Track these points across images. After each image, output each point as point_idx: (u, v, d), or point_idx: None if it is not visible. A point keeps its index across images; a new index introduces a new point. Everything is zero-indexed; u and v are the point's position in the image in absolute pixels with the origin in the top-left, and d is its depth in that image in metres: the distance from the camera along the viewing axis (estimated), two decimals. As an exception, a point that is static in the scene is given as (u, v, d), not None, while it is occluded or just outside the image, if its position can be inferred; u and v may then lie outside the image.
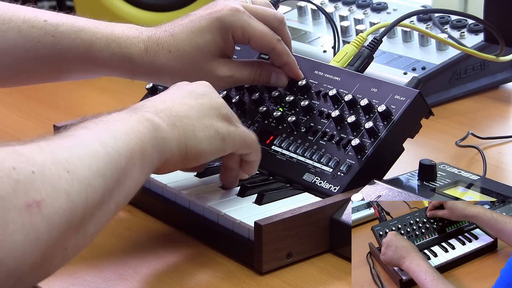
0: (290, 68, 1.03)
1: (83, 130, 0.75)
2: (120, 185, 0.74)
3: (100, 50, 1.00)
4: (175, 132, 0.82)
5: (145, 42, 1.00)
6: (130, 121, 0.78)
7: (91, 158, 0.70)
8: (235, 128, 0.88)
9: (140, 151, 0.77)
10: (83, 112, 1.16)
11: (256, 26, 1.00)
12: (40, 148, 0.68)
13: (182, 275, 0.86)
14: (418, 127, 0.97)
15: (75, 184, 0.67)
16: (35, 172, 0.65)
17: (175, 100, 0.85)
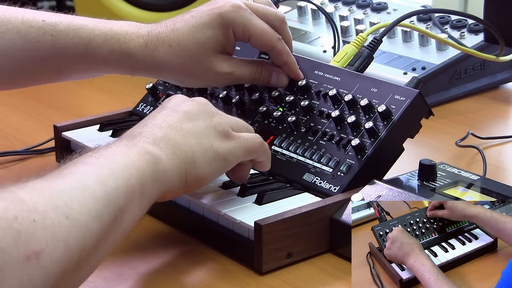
0: (290, 68, 1.03)
1: (83, 166, 0.74)
2: (117, 223, 0.74)
3: (99, 46, 1.00)
4: (175, 162, 0.81)
5: (144, 37, 1.00)
6: (130, 155, 0.78)
7: (90, 201, 0.70)
8: (235, 143, 0.87)
9: (140, 187, 0.76)
10: (83, 112, 1.16)
11: (257, 24, 1.00)
12: (41, 193, 0.68)
13: (182, 275, 0.86)
14: (418, 127, 0.97)
15: (73, 231, 0.67)
16: (36, 221, 0.64)
17: (172, 126, 0.84)
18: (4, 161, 1.15)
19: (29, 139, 1.20)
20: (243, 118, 1.05)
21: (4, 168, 1.13)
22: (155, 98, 1.16)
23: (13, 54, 1.00)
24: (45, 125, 1.18)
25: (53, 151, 1.15)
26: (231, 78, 1.02)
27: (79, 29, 1.01)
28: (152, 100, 1.17)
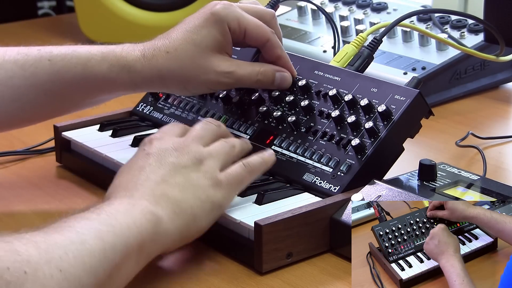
0: (284, 62, 1.03)
1: (83, 221, 0.75)
2: (112, 279, 0.74)
3: (98, 63, 0.99)
4: (175, 222, 0.82)
5: (140, 49, 1.00)
6: (133, 214, 0.79)
7: (86, 256, 0.71)
8: (227, 187, 0.87)
9: (138, 246, 0.77)
10: (83, 112, 1.16)
11: (250, 18, 1.01)
12: (37, 245, 0.69)
13: (182, 275, 0.86)
14: (418, 127, 0.97)
15: (65, 284, 0.68)
16: (27, 273, 0.66)
17: (167, 182, 0.84)
18: (4, 161, 1.15)
19: (29, 139, 1.20)
20: (243, 118, 1.05)
21: (4, 168, 1.13)
22: (155, 98, 1.16)
23: (13, 82, 0.99)
24: (45, 125, 1.18)
25: (53, 151, 1.15)
26: (232, 78, 1.01)
27: (74, 51, 1.00)
28: (152, 100, 1.17)
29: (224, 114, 1.08)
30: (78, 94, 1.02)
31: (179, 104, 1.13)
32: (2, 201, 1.03)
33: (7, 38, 1.05)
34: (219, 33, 1.00)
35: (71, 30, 1.78)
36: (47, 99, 1.01)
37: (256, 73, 1.02)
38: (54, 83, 1.00)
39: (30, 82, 0.99)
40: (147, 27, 1.61)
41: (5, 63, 0.99)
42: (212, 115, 1.08)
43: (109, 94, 1.03)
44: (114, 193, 0.84)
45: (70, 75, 1.00)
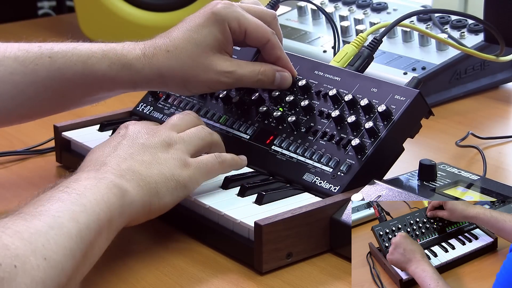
0: (284, 63, 1.04)
1: (57, 203, 0.77)
2: (88, 258, 0.77)
3: (98, 61, 0.99)
4: (140, 194, 0.85)
5: (141, 48, 1.01)
6: (100, 189, 0.81)
7: (65, 240, 0.74)
8: (194, 169, 0.90)
9: (108, 221, 0.80)
10: (83, 112, 1.16)
11: (251, 18, 1.01)
12: (20, 236, 0.71)
13: (182, 275, 0.86)
14: (418, 127, 0.97)
15: (50, 271, 0.71)
16: (17, 267, 0.68)
17: (134, 159, 0.88)
18: (4, 161, 1.15)
19: (29, 139, 1.20)
20: (243, 118, 1.05)
21: (4, 168, 1.13)
22: (155, 98, 1.16)
23: (13, 79, 0.99)
24: (45, 125, 1.18)
25: (53, 151, 1.15)
26: (233, 77, 1.01)
27: (75, 48, 1.00)
28: (152, 100, 1.17)
29: (224, 114, 1.08)
30: (78, 91, 1.02)
31: (179, 104, 1.13)
32: (2, 201, 1.03)
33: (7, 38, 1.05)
34: (220, 33, 1.00)
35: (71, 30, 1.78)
36: (47, 96, 1.01)
37: (257, 73, 1.02)
38: (54, 80, 1.00)
39: (30, 79, 0.99)
40: (147, 27, 1.61)
41: (5, 59, 0.99)
42: (212, 115, 1.08)
43: (109, 92, 1.04)
44: (83, 167, 0.87)
45: (71, 72, 1.00)
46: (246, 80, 1.02)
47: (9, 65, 0.99)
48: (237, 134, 1.04)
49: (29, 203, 0.77)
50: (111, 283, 0.85)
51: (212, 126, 1.06)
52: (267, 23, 1.02)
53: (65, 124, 1.13)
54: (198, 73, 1.00)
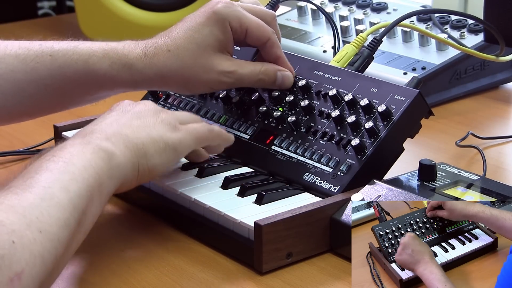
0: (283, 62, 1.04)
1: (46, 173, 0.76)
2: (81, 226, 0.77)
3: (99, 60, 0.99)
4: (127, 155, 0.85)
5: (142, 47, 1.01)
6: (86, 155, 0.81)
7: (58, 211, 0.74)
8: (184, 133, 0.91)
9: (98, 186, 0.80)
10: (83, 112, 1.16)
11: (251, 17, 1.01)
12: (14, 210, 0.70)
13: (182, 275, 0.86)
14: (418, 127, 0.97)
15: (47, 244, 0.71)
16: (15, 242, 0.68)
17: (122, 124, 0.88)
18: (4, 161, 1.15)
19: (29, 139, 1.20)
20: (243, 118, 1.05)
21: (4, 168, 1.13)
22: (155, 98, 1.16)
23: (14, 77, 0.99)
24: (45, 125, 1.18)
25: (53, 151, 1.15)
26: (234, 77, 1.01)
27: (76, 47, 1.01)
28: (152, 100, 1.17)
29: (224, 114, 1.08)
30: (78, 90, 1.02)
31: (179, 104, 1.13)
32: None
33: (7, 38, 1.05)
34: (221, 32, 1.00)
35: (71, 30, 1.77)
36: (47, 94, 1.01)
37: (258, 72, 1.02)
38: (55, 78, 1.00)
39: (31, 77, 0.99)
40: (147, 27, 1.61)
41: (6, 57, 0.99)
42: (212, 115, 1.08)
43: (109, 91, 1.04)
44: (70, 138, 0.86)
45: (71, 71, 1.00)
46: (247, 79, 1.02)
47: (10, 62, 0.99)
48: (237, 134, 1.04)
49: (18, 176, 0.77)
50: (111, 283, 0.85)
51: (212, 126, 1.06)
52: (266, 23, 1.03)
53: (65, 124, 1.13)
54: (199, 73, 1.00)
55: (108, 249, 0.91)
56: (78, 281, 0.85)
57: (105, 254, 0.90)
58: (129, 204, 1.01)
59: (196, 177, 0.98)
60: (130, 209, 1.00)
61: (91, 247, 0.82)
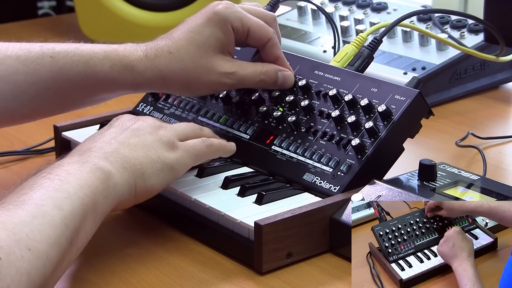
0: (283, 62, 1.04)
1: (40, 190, 0.76)
2: (74, 244, 0.77)
3: (100, 62, 0.99)
4: (124, 176, 0.85)
5: (143, 49, 1.00)
6: (82, 173, 0.81)
7: (50, 229, 0.73)
8: (182, 152, 0.91)
9: (93, 205, 0.80)
10: (83, 112, 1.16)
11: (253, 18, 1.01)
12: (4, 226, 0.70)
13: (182, 275, 0.86)
14: (418, 127, 0.97)
15: (35, 262, 0.71)
16: (2, 259, 0.68)
17: (120, 142, 0.88)
18: (4, 161, 1.15)
19: (29, 139, 1.20)
20: (243, 118, 1.05)
21: (4, 168, 1.13)
22: (155, 98, 1.16)
23: (14, 78, 0.99)
24: (45, 125, 1.18)
25: (53, 151, 1.15)
26: (235, 78, 1.00)
27: (77, 48, 1.00)
28: (152, 100, 1.17)
29: (224, 114, 1.08)
30: (79, 92, 1.02)
31: (179, 104, 1.13)
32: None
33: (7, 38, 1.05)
34: (222, 33, 1.00)
35: (71, 30, 1.78)
36: (48, 96, 1.01)
37: (259, 73, 1.02)
38: (56, 81, 1.00)
39: (32, 79, 0.99)
40: (147, 27, 1.61)
41: (7, 59, 0.99)
42: (212, 115, 1.08)
43: (110, 93, 1.03)
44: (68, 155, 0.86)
45: (72, 73, 0.99)
46: (248, 80, 1.02)
47: (10, 64, 0.99)
48: (237, 134, 1.04)
49: (12, 192, 0.77)
50: (111, 283, 0.85)
51: (212, 126, 1.06)
52: (267, 24, 1.03)
53: (65, 124, 1.13)
54: (200, 75, 1.00)
55: (108, 249, 0.91)
56: (78, 281, 0.85)
57: (105, 254, 0.90)
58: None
59: (196, 177, 0.98)
60: (130, 209, 0.99)
61: (91, 247, 0.82)
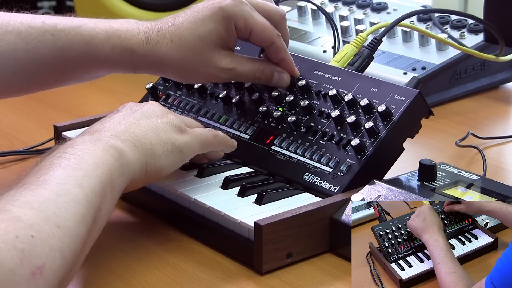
0: (287, 65, 1.03)
1: (59, 170, 0.77)
2: (97, 222, 0.77)
3: (101, 43, 1.00)
4: (136, 154, 0.85)
5: (145, 33, 1.00)
6: (96, 152, 0.81)
7: (74, 206, 0.74)
8: (190, 136, 0.92)
9: (110, 183, 0.80)
10: (83, 112, 1.16)
11: (258, 18, 1.00)
12: (31, 206, 0.70)
13: (182, 275, 0.86)
14: (418, 127, 0.97)
15: (66, 239, 0.71)
16: (34, 237, 0.68)
17: (130, 122, 0.88)
18: (4, 161, 1.15)
19: (29, 139, 1.20)
20: (243, 118, 1.06)
21: (4, 168, 1.13)
22: (155, 98, 1.16)
23: (15, 55, 0.99)
24: (45, 125, 1.18)
25: (53, 151, 1.15)
26: (232, 74, 1.01)
27: (79, 27, 1.00)
28: (152, 100, 1.17)
29: (224, 114, 1.08)
30: (79, 69, 1.03)
31: (179, 104, 1.13)
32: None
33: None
34: (225, 30, 1.00)
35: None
36: (48, 73, 1.02)
37: (255, 70, 1.02)
38: (56, 58, 1.00)
39: (32, 56, 1.00)
40: (147, 27, 1.61)
41: (8, 34, 0.99)
42: (212, 115, 1.08)
43: (109, 72, 1.05)
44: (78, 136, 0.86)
45: (73, 52, 1.00)
46: (244, 77, 1.03)
47: (11, 40, 0.99)
48: (237, 134, 1.04)
49: (30, 173, 0.77)
50: (111, 283, 0.85)
51: (212, 126, 1.06)
52: (274, 23, 1.02)
53: (65, 124, 1.13)
54: (198, 66, 1.00)
55: (108, 249, 0.91)
56: (78, 281, 0.85)
57: (105, 254, 0.90)
58: (129, 204, 1.01)
59: (196, 177, 0.98)
60: (130, 209, 1.00)
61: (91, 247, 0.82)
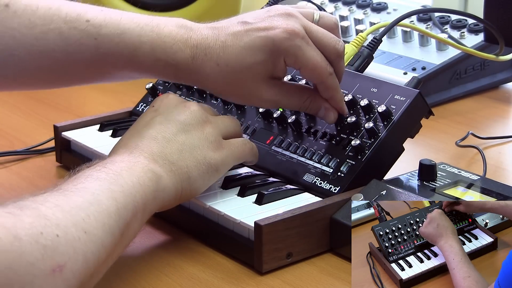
0: (335, 103, 0.97)
1: (95, 182, 0.78)
2: (124, 238, 0.78)
3: (145, 55, 0.94)
4: (172, 180, 0.86)
5: (192, 49, 0.94)
6: (136, 172, 0.82)
7: (104, 217, 0.75)
8: (226, 152, 0.91)
9: (143, 205, 0.81)
10: (83, 112, 1.16)
11: (309, 55, 0.92)
12: (61, 208, 0.71)
13: (182, 275, 0.86)
14: (418, 127, 0.97)
15: (91, 245, 0.72)
16: (59, 236, 0.69)
17: (167, 139, 0.88)
18: (4, 161, 1.15)
19: (29, 139, 1.20)
20: (243, 118, 1.06)
21: (4, 168, 1.13)
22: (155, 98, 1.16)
23: (55, 56, 0.94)
24: (45, 125, 1.18)
25: (53, 151, 1.15)
26: (276, 105, 0.97)
27: (124, 33, 0.94)
28: (152, 100, 1.16)
29: (224, 114, 1.08)
30: (118, 73, 0.98)
31: (179, 104, 1.13)
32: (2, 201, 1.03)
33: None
34: (273, 64, 0.93)
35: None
36: (87, 75, 0.98)
37: (302, 104, 0.97)
38: (97, 63, 0.96)
39: (73, 58, 0.95)
40: (147, 27, 1.60)
41: (49, 32, 0.93)
42: (212, 115, 1.08)
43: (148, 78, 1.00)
44: (116, 149, 0.87)
45: (115, 60, 0.95)
46: (289, 108, 1.01)
47: (52, 40, 0.94)
48: (237, 134, 1.04)
49: (67, 181, 0.78)
50: (111, 283, 0.85)
51: (212, 126, 1.06)
52: (330, 60, 0.94)
53: (65, 124, 1.13)
54: (241, 94, 0.96)
55: (108, 249, 0.91)
56: (78, 281, 0.85)
57: (105, 254, 0.90)
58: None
59: (196, 177, 0.98)
60: (130, 209, 1.00)
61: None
